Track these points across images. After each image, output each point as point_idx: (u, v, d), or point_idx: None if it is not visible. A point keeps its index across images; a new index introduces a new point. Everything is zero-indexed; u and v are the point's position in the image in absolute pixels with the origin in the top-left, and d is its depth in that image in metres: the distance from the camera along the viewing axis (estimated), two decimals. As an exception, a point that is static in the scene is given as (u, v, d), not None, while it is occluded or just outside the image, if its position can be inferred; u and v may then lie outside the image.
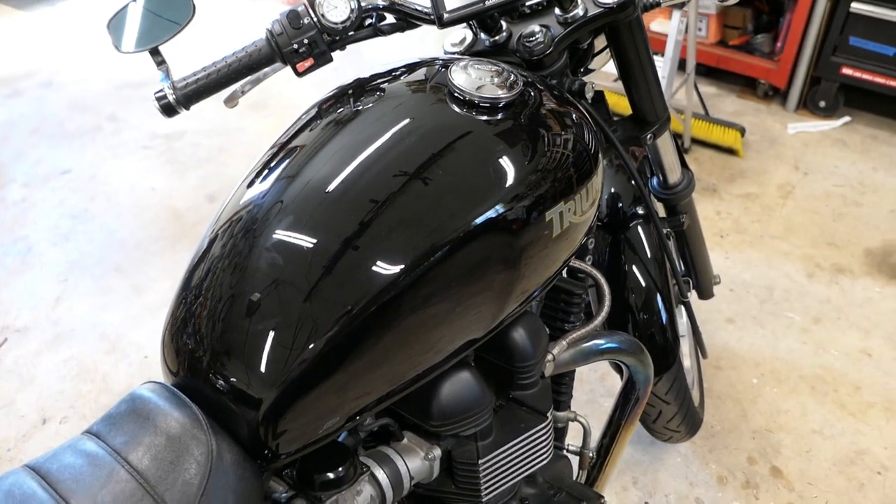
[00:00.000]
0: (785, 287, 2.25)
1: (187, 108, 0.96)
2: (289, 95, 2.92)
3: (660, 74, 2.33)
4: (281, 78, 1.02)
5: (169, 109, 0.95)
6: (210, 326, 0.75)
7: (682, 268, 1.66)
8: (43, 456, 0.71)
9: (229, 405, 0.73)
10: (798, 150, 2.86)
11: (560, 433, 1.23)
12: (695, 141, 2.86)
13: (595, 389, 1.93)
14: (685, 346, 1.80)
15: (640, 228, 1.39)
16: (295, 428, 0.74)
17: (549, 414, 0.98)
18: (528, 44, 0.98)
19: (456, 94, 0.83)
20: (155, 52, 0.97)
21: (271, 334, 0.72)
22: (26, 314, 2.24)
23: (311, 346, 0.72)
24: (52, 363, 2.08)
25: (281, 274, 0.74)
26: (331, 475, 0.79)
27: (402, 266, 0.74)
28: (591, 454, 1.25)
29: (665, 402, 1.46)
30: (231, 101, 1.10)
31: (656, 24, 3.06)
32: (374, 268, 0.74)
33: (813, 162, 2.79)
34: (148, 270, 2.33)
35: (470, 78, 0.84)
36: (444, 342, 0.81)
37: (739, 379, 1.96)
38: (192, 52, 1.01)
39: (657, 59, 2.44)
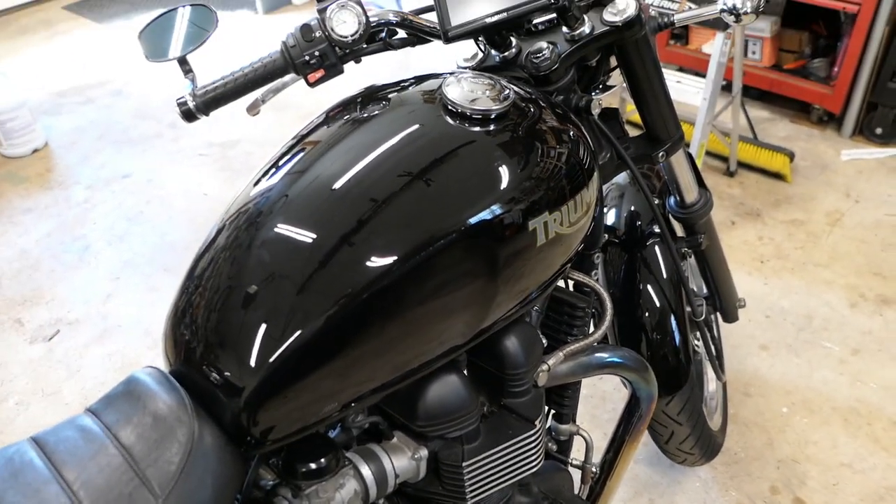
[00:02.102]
0: (825, 316, 2.19)
1: (206, 114, 1.02)
2: (339, 109, 3.00)
3: (702, 96, 2.34)
4: (333, 92, 1.07)
5: (189, 115, 1.02)
6: (206, 317, 0.80)
7: (706, 290, 1.65)
8: (46, 430, 0.76)
9: (216, 392, 0.77)
10: (851, 177, 2.79)
11: (563, 446, 1.24)
12: (742, 165, 2.82)
13: (617, 408, 1.92)
14: (710, 370, 1.78)
15: (657, 248, 1.39)
16: (276, 417, 0.78)
17: (537, 422, 0.99)
18: (534, 60, 1.01)
19: (449, 107, 0.87)
20: (183, 62, 1.04)
21: (258, 326, 0.76)
22: (79, 308, 2.37)
23: (295, 339, 0.75)
24: (98, 356, 2.19)
25: (277, 268, 0.78)
26: (312, 465, 0.83)
27: (386, 267, 0.78)
28: (593, 469, 1.26)
29: (677, 422, 1.45)
30: (253, 109, 1.16)
31: (708, 46, 3.04)
32: (362, 267, 0.77)
33: (865, 190, 2.71)
34: (194, 272, 2.42)
35: (463, 91, 0.88)
36: (426, 344, 0.83)
37: (768, 407, 1.92)
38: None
39: (700, 80, 2.43)
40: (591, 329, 1.11)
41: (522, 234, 0.84)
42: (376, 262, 0.78)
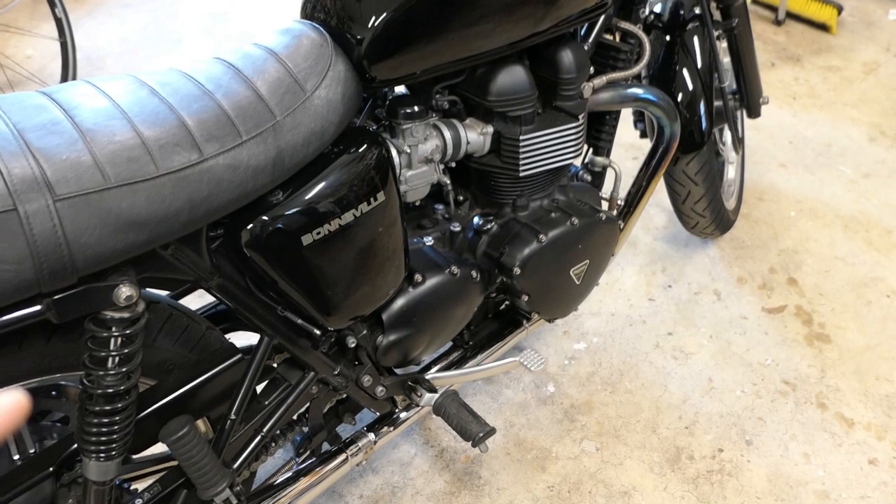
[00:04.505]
0: (844, 146, 2.40)
1: None
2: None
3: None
4: None
5: None
6: (332, 4, 1.06)
7: (735, 86, 1.87)
8: (229, 51, 1.04)
9: (347, 40, 1.04)
10: (894, 34, 2.91)
11: (597, 178, 1.52)
12: (790, 16, 2.95)
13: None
14: (736, 160, 2.03)
15: (695, 36, 1.61)
16: (384, 66, 1.05)
17: (580, 118, 1.25)
18: None
19: None
20: None
21: (372, 7, 1.02)
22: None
23: (402, 12, 1.01)
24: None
25: None
26: (408, 109, 1.11)
27: None
28: (619, 200, 1.54)
29: (694, 182, 1.71)
30: None
31: None
32: None
33: (906, 47, 2.84)
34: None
35: None
36: (494, 32, 1.09)
37: (778, 210, 2.17)
38: None
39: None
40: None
41: None
42: None
